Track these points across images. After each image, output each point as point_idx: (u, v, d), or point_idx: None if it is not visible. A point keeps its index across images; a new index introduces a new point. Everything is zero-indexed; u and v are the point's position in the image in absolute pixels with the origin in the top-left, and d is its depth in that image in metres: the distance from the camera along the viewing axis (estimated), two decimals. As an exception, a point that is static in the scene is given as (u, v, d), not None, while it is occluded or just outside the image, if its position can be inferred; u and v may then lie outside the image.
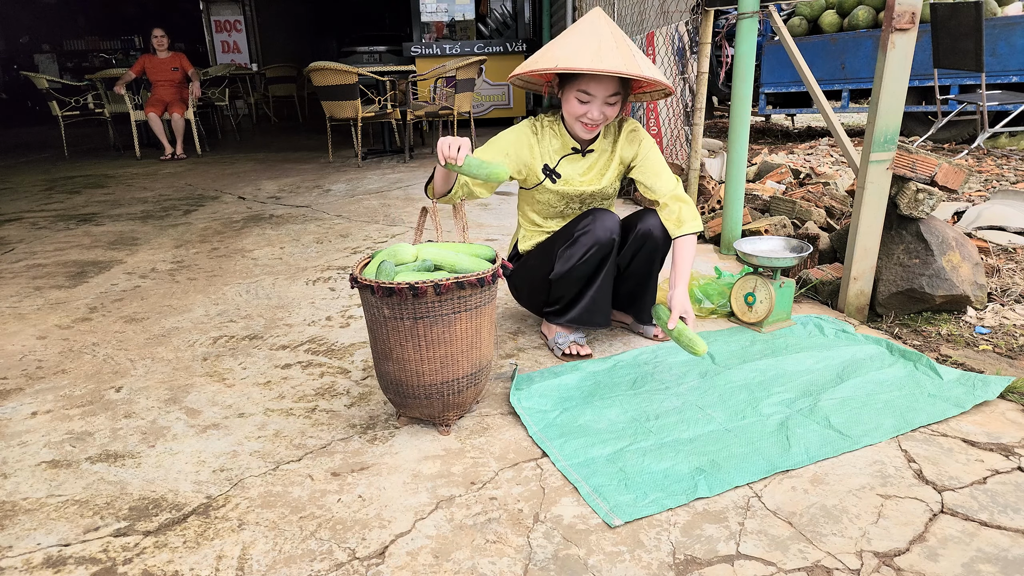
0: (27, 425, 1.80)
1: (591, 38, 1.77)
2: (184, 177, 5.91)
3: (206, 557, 1.28)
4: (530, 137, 2.00)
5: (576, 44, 1.77)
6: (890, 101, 2.13)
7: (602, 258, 1.96)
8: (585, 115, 1.87)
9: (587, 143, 2.01)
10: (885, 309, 2.34)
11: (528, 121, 2.03)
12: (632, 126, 2.04)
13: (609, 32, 1.78)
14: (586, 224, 1.93)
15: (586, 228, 1.93)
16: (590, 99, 1.84)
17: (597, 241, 1.92)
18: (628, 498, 1.40)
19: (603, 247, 1.93)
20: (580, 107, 1.86)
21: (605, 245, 1.93)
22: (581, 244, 1.93)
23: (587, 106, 1.85)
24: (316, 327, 2.42)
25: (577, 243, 1.93)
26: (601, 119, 1.87)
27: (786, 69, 6.73)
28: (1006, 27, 5.53)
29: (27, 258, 3.47)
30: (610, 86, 1.82)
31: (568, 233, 1.97)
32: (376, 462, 1.58)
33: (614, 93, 1.84)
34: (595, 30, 1.78)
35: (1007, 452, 1.53)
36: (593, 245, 1.92)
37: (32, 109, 13.83)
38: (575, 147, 2.00)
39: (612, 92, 1.83)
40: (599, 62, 1.71)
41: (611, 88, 1.82)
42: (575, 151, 2.01)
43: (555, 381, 1.91)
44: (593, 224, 1.93)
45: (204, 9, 11.85)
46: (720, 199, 3.48)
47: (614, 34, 1.78)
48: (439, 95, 6.75)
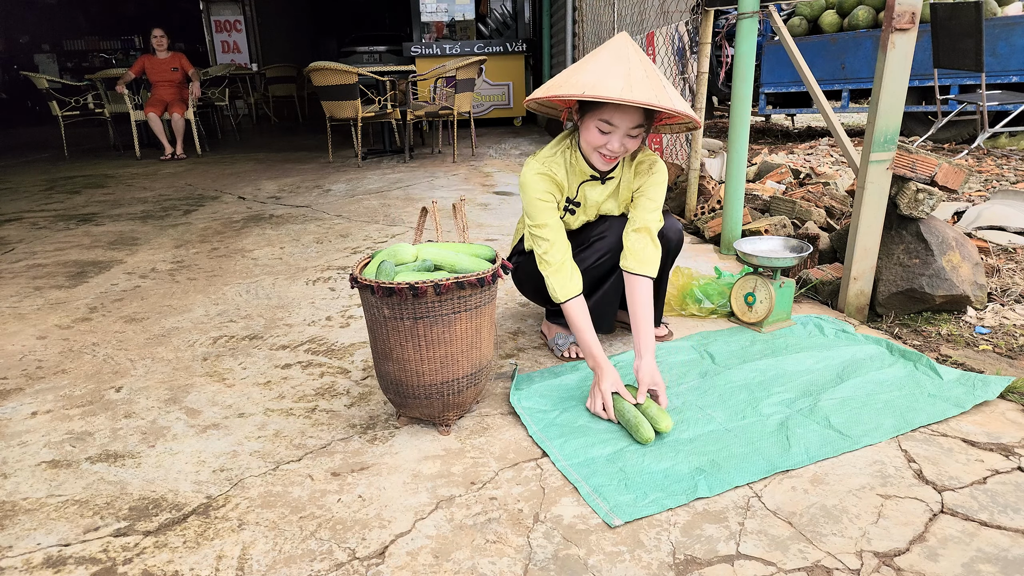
0: (27, 425, 1.80)
1: (619, 65, 1.63)
2: (184, 177, 5.91)
3: (206, 557, 1.28)
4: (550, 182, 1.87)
5: (603, 70, 1.63)
6: (890, 101, 2.13)
7: (613, 264, 1.95)
8: (604, 146, 1.74)
9: (605, 173, 1.89)
10: (885, 309, 2.34)
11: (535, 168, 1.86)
12: (649, 157, 1.92)
13: (638, 60, 1.65)
14: (603, 230, 1.92)
15: (603, 234, 1.91)
16: (612, 130, 1.71)
17: (611, 248, 1.91)
18: (628, 498, 1.40)
19: (616, 254, 1.92)
20: (600, 137, 1.74)
21: (618, 252, 1.91)
22: (595, 250, 1.92)
23: (607, 137, 1.73)
24: (316, 327, 2.42)
25: (591, 248, 1.93)
26: (620, 151, 1.75)
27: (786, 69, 6.73)
28: (1006, 27, 5.53)
29: (27, 258, 3.47)
30: (635, 118, 1.70)
31: (584, 237, 1.96)
32: (376, 462, 1.58)
33: (638, 125, 1.72)
34: (623, 56, 1.66)
35: (1007, 452, 1.53)
36: (607, 252, 1.92)
37: (32, 109, 13.83)
38: (593, 175, 1.89)
39: (636, 124, 1.71)
40: (629, 92, 1.58)
41: (635, 120, 1.70)
42: (594, 178, 1.90)
43: (555, 381, 1.91)
44: (610, 231, 1.92)
45: (204, 9, 11.85)
46: (720, 199, 3.48)
47: (643, 62, 1.65)
48: (439, 95, 6.76)
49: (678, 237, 2.04)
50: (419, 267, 1.71)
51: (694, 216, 3.57)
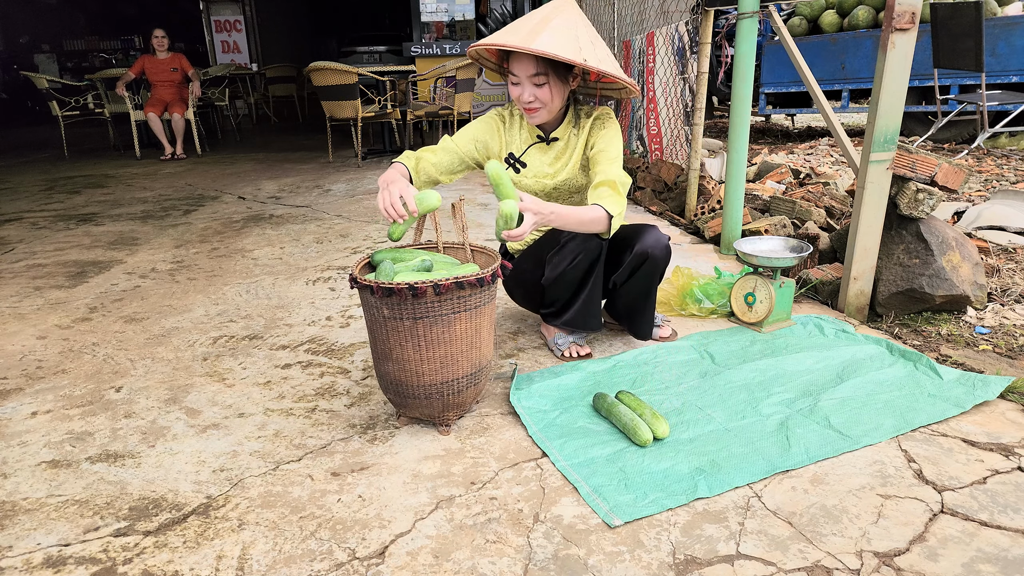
0: (27, 425, 1.80)
1: (533, 18, 1.76)
2: (184, 177, 5.91)
3: (206, 557, 1.28)
4: (498, 125, 2.01)
5: (516, 24, 1.76)
6: (890, 101, 2.13)
7: (590, 263, 1.93)
8: (519, 98, 1.84)
9: (549, 131, 1.99)
10: (885, 309, 2.34)
11: (498, 109, 2.04)
12: (602, 112, 1.97)
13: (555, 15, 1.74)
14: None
15: (573, 233, 1.89)
16: (517, 80, 1.82)
17: (585, 248, 1.89)
18: (628, 498, 1.40)
19: (590, 252, 1.90)
20: (514, 90, 1.84)
21: (592, 250, 1.90)
22: (569, 250, 1.90)
23: (518, 88, 1.83)
24: (316, 327, 2.42)
25: (564, 248, 1.90)
26: (533, 101, 1.83)
27: (786, 69, 6.73)
28: (1006, 27, 5.53)
29: (27, 258, 3.47)
30: (529, 66, 1.78)
31: (555, 239, 1.94)
32: (376, 462, 1.58)
33: (536, 73, 1.79)
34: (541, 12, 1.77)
35: (1007, 452, 1.53)
36: (580, 252, 1.89)
37: (32, 109, 13.82)
38: (540, 135, 1.99)
39: (533, 72, 1.78)
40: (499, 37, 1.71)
41: (531, 68, 1.78)
42: (540, 139, 1.99)
43: (555, 381, 1.91)
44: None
45: (204, 9, 11.84)
46: (720, 199, 3.48)
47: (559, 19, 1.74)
48: (439, 95, 6.75)
49: (664, 254, 1.98)
50: (418, 267, 1.71)
51: (694, 216, 3.57)
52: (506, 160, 2.02)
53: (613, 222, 1.80)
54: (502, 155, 2.02)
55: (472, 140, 1.99)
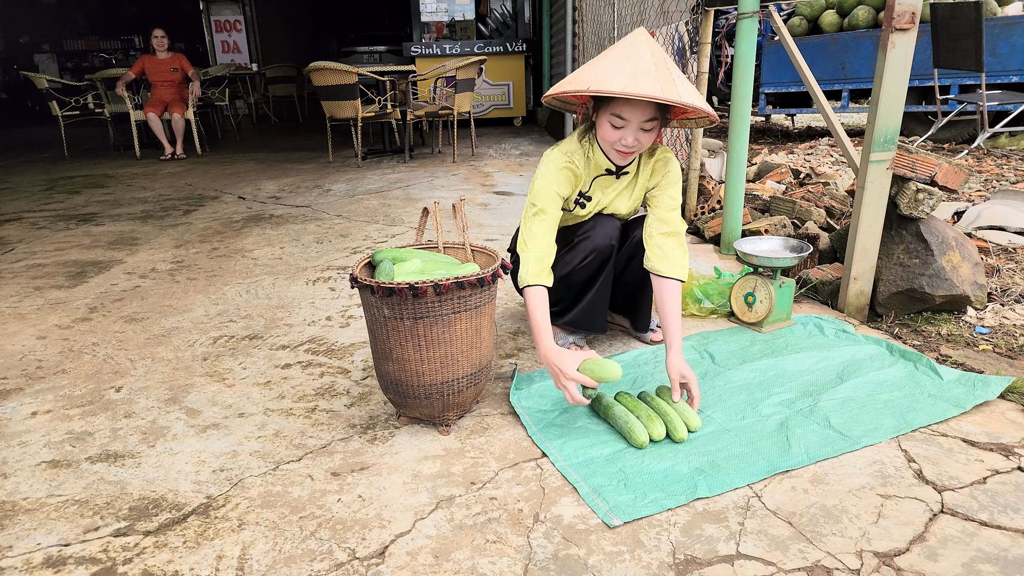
0: (27, 425, 1.80)
1: (628, 61, 1.64)
2: (184, 177, 5.91)
3: (206, 557, 1.28)
4: (573, 174, 1.87)
5: (611, 66, 1.64)
6: (890, 101, 2.13)
7: (601, 264, 1.95)
8: (619, 141, 1.74)
9: (620, 168, 1.91)
10: (885, 309, 2.34)
11: (559, 156, 1.86)
12: (665, 154, 1.92)
13: (650, 54, 1.64)
14: (586, 230, 1.92)
15: (586, 234, 1.91)
16: (624, 124, 1.71)
17: (596, 248, 1.90)
18: (627, 498, 1.40)
19: (601, 253, 1.92)
20: (614, 132, 1.74)
21: (604, 251, 1.92)
22: (580, 250, 1.92)
23: (621, 132, 1.73)
24: (316, 327, 2.42)
25: (576, 248, 1.92)
26: (636, 145, 1.75)
27: (786, 69, 6.73)
28: (1006, 27, 5.53)
29: (27, 258, 3.47)
30: (646, 111, 1.69)
31: (568, 238, 1.96)
32: (376, 462, 1.58)
33: (650, 119, 1.71)
34: (633, 52, 1.66)
35: (1007, 452, 1.53)
36: (592, 252, 1.91)
37: (32, 109, 13.82)
38: (609, 169, 1.90)
39: (648, 118, 1.70)
40: (633, 86, 1.58)
41: (647, 113, 1.70)
42: (609, 172, 1.91)
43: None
44: (593, 231, 1.91)
45: (204, 9, 11.85)
46: (720, 199, 3.48)
47: (655, 56, 1.65)
48: (439, 95, 6.75)
49: None
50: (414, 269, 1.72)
51: (694, 216, 3.57)
52: (576, 201, 1.94)
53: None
54: (575, 196, 1.94)
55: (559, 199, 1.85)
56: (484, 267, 1.76)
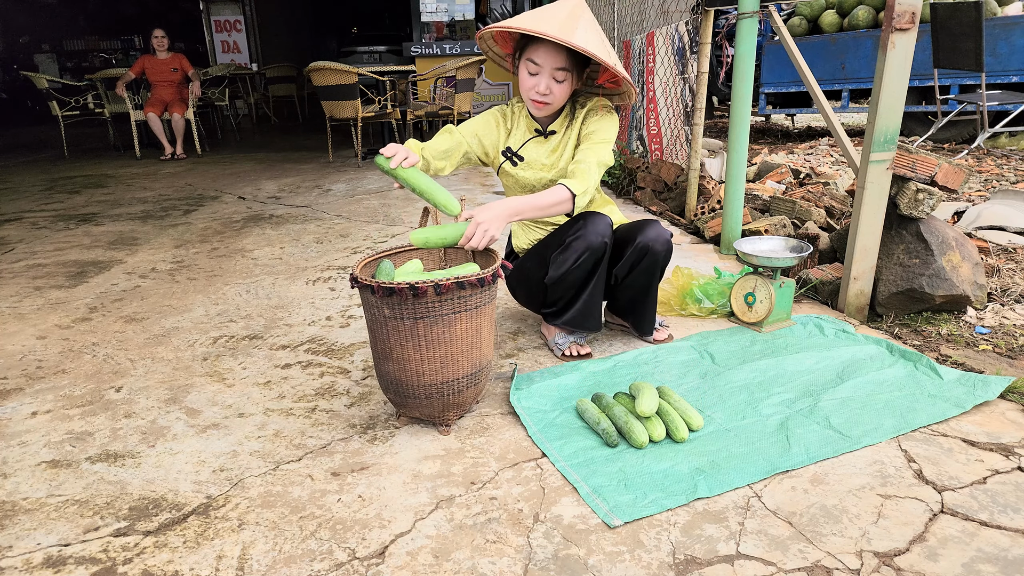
0: (27, 425, 1.80)
1: (558, 11, 1.76)
2: (184, 177, 5.91)
3: (206, 557, 1.28)
4: (498, 119, 2.02)
5: (540, 13, 1.76)
6: (890, 101, 2.13)
7: (595, 262, 1.94)
8: (533, 88, 1.83)
9: (546, 123, 1.99)
10: (885, 309, 2.34)
11: (500, 106, 2.04)
12: (596, 102, 1.96)
13: (581, 12, 1.77)
14: (578, 229, 1.92)
15: (578, 233, 1.90)
16: (537, 70, 1.81)
17: (589, 246, 1.90)
18: (627, 498, 1.40)
19: (595, 252, 1.91)
20: (529, 79, 1.83)
21: (597, 250, 1.91)
22: (573, 250, 1.91)
23: (535, 79, 1.82)
24: (316, 327, 2.42)
25: (569, 248, 1.91)
26: (549, 93, 1.83)
27: (786, 69, 6.73)
28: (1006, 27, 5.53)
29: (27, 258, 3.47)
30: (558, 59, 1.78)
31: (560, 238, 1.96)
32: (376, 462, 1.58)
33: (562, 67, 1.80)
34: (565, 6, 1.77)
35: (1007, 452, 1.53)
36: (585, 251, 1.90)
37: (32, 109, 13.82)
38: (537, 128, 1.99)
39: (560, 66, 1.79)
40: (553, 29, 1.68)
41: (559, 61, 1.79)
42: (538, 132, 2.00)
43: (555, 381, 1.91)
44: (585, 229, 1.91)
45: (204, 9, 11.84)
46: (720, 199, 3.48)
47: (584, 16, 1.76)
48: (439, 95, 6.75)
49: (665, 248, 1.99)
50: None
51: (694, 216, 3.57)
52: (503, 153, 2.02)
53: (577, 200, 1.81)
54: (499, 149, 2.02)
55: (472, 133, 1.99)
56: (484, 267, 1.76)
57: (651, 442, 1.60)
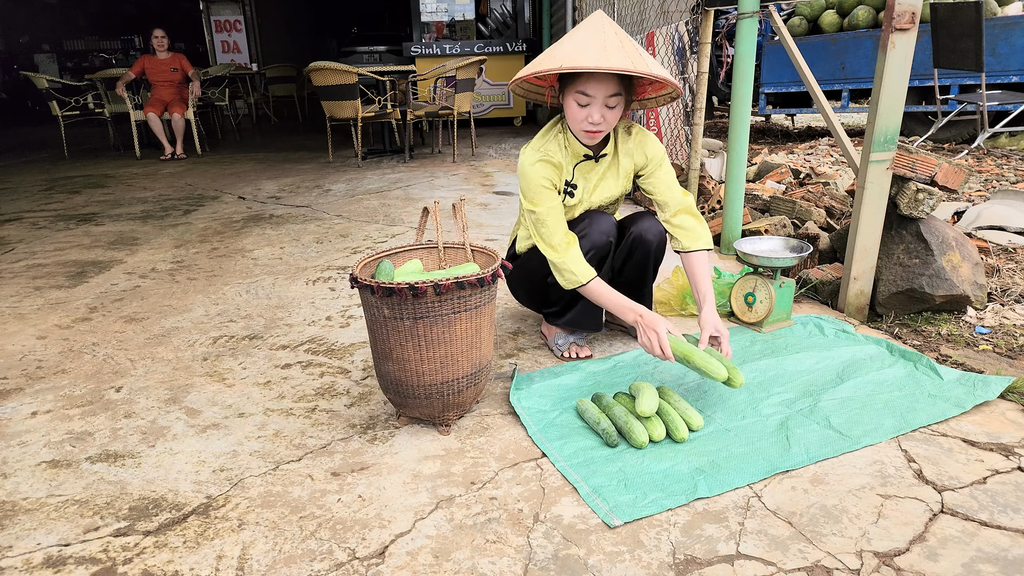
0: (27, 425, 1.80)
1: (595, 38, 1.70)
2: (184, 177, 5.91)
3: (206, 557, 1.28)
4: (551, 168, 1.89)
5: (578, 44, 1.70)
6: (890, 101, 2.13)
7: (599, 262, 1.96)
8: (586, 119, 1.77)
9: (598, 149, 1.93)
10: (885, 309, 2.34)
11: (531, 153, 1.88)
12: (641, 134, 1.96)
13: (613, 32, 1.72)
14: (582, 228, 1.92)
15: (582, 233, 1.91)
16: (589, 100, 1.75)
17: (594, 245, 1.90)
18: (627, 498, 1.40)
19: (600, 251, 1.92)
20: (580, 111, 1.77)
21: (602, 248, 1.92)
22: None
23: (587, 109, 1.76)
24: (316, 327, 2.42)
25: None
26: (602, 123, 1.78)
27: (786, 69, 6.73)
28: (1006, 27, 5.53)
29: (27, 258, 3.47)
30: (610, 86, 1.73)
31: None
32: (376, 462, 1.58)
33: (614, 94, 1.74)
34: (598, 30, 1.72)
35: (1007, 452, 1.53)
36: (590, 250, 1.90)
37: (32, 109, 13.82)
38: (587, 154, 1.92)
39: (612, 92, 1.74)
40: (605, 59, 1.64)
41: (611, 88, 1.73)
42: (587, 157, 1.93)
43: (555, 381, 1.91)
44: (589, 228, 1.91)
45: (204, 9, 11.84)
46: (720, 199, 3.48)
47: (618, 34, 1.72)
48: (439, 95, 6.75)
49: (658, 239, 2.00)
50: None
51: (694, 216, 3.57)
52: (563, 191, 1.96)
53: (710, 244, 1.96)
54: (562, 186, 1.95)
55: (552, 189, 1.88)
56: (484, 267, 1.76)
57: (651, 442, 1.60)
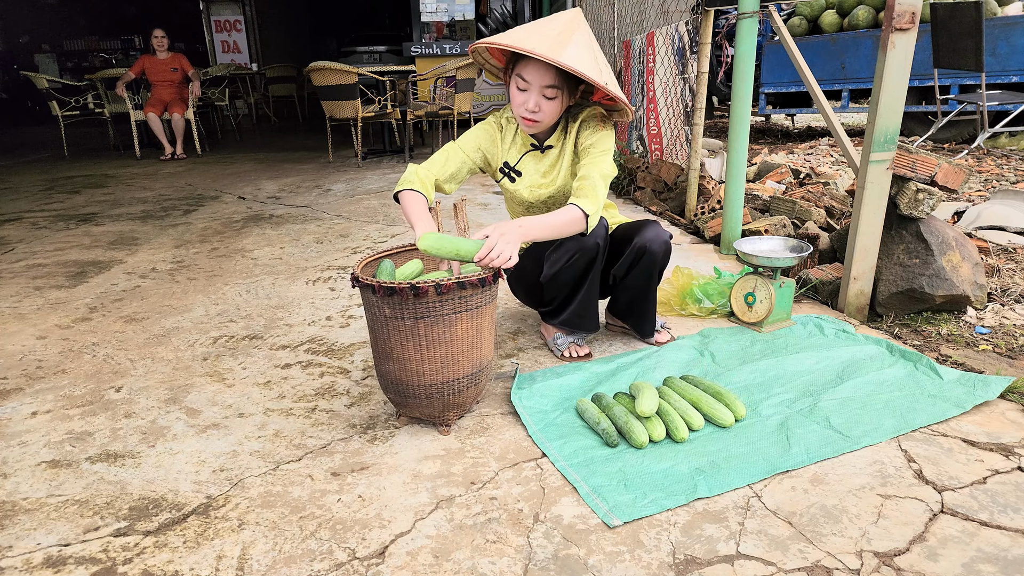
0: (27, 425, 1.80)
1: (545, 26, 1.72)
2: (184, 177, 5.91)
3: (206, 557, 1.28)
4: (494, 131, 1.99)
5: (528, 29, 1.73)
6: (890, 101, 2.13)
7: (587, 263, 1.92)
8: (523, 105, 1.79)
9: (543, 139, 1.96)
10: (885, 309, 2.34)
11: (495, 114, 2.01)
12: (587, 113, 1.92)
13: (575, 28, 1.73)
14: None
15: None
16: (527, 86, 1.77)
17: (581, 247, 1.87)
18: (627, 498, 1.40)
19: (587, 252, 1.89)
20: (518, 96, 1.79)
21: (589, 250, 1.89)
22: (566, 249, 1.89)
23: (524, 95, 1.78)
24: (316, 327, 2.42)
25: (562, 247, 1.90)
26: (538, 112, 1.79)
27: (786, 69, 6.73)
28: (1006, 27, 5.53)
29: (27, 258, 3.47)
30: (547, 76, 1.74)
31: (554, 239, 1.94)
32: (376, 462, 1.58)
33: (551, 85, 1.76)
34: (555, 21, 1.75)
35: (1007, 452, 1.53)
36: (577, 251, 1.88)
37: (32, 109, 13.83)
38: (534, 143, 1.96)
39: (548, 83, 1.75)
40: (527, 42, 1.66)
41: (547, 79, 1.75)
42: (534, 147, 1.97)
43: (557, 381, 1.91)
44: None
45: (204, 9, 11.85)
46: (720, 199, 3.48)
47: (578, 33, 1.73)
48: (439, 95, 6.76)
49: (663, 248, 1.98)
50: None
51: (694, 216, 3.57)
52: (501, 169, 2.01)
53: (590, 220, 1.79)
54: (499, 163, 2.00)
55: (477, 148, 1.97)
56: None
57: (651, 442, 1.60)
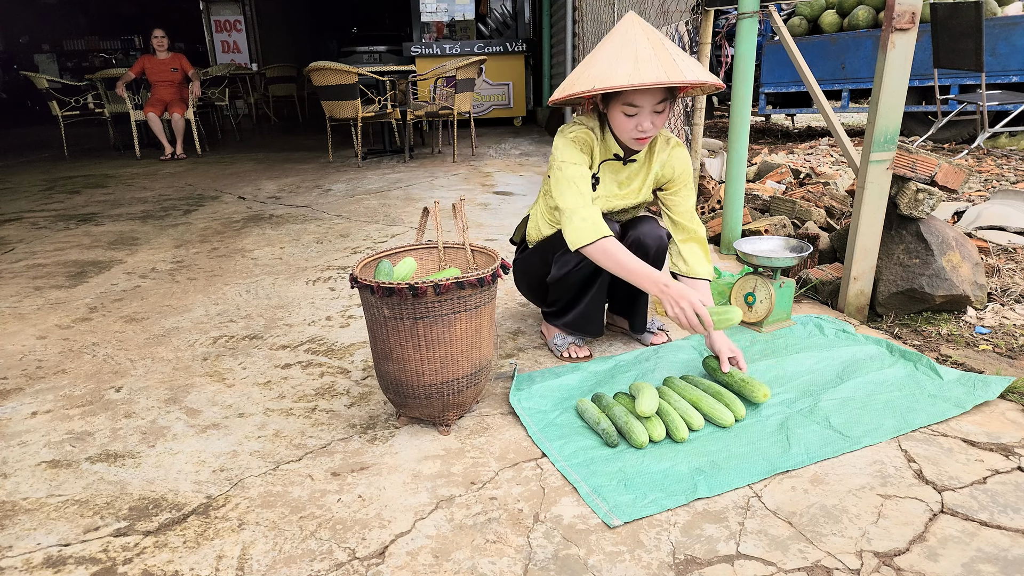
0: (27, 425, 1.80)
1: (626, 48, 1.67)
2: (184, 177, 5.91)
3: (206, 557, 1.28)
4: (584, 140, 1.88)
5: (610, 58, 1.67)
6: (890, 101, 2.13)
7: (596, 268, 1.92)
8: (636, 128, 1.76)
9: (631, 152, 1.93)
10: (885, 309, 2.34)
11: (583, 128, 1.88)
12: (678, 148, 1.95)
13: (645, 39, 1.68)
14: None
15: None
16: (636, 111, 1.74)
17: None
18: (627, 498, 1.40)
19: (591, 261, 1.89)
20: (628, 121, 1.76)
21: None
22: (575, 253, 1.88)
23: (635, 119, 1.75)
24: (316, 327, 2.42)
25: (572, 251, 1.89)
26: (651, 129, 1.77)
27: (786, 69, 6.73)
28: (1006, 27, 5.53)
29: (27, 258, 3.47)
30: (656, 95, 1.72)
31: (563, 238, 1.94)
32: (376, 462, 1.58)
33: (660, 100, 1.74)
34: (629, 39, 1.69)
35: (1007, 452, 1.53)
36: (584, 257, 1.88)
37: (32, 109, 13.83)
38: (617, 154, 1.91)
39: (658, 100, 1.73)
40: (638, 75, 1.61)
41: (657, 97, 1.73)
42: (617, 158, 1.92)
43: (556, 381, 1.91)
44: None
45: (204, 9, 11.85)
46: (720, 199, 3.48)
47: (650, 39, 1.68)
48: (439, 95, 6.75)
49: (657, 243, 1.99)
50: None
51: (694, 216, 3.57)
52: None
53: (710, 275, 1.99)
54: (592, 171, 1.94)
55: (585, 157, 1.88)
56: (484, 267, 1.76)
57: (651, 442, 1.60)
